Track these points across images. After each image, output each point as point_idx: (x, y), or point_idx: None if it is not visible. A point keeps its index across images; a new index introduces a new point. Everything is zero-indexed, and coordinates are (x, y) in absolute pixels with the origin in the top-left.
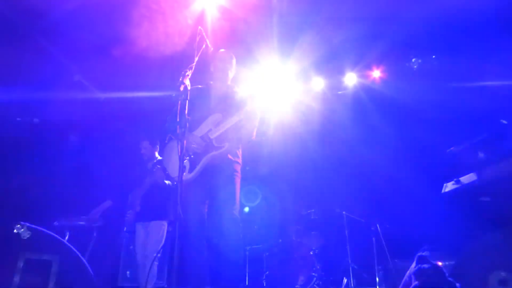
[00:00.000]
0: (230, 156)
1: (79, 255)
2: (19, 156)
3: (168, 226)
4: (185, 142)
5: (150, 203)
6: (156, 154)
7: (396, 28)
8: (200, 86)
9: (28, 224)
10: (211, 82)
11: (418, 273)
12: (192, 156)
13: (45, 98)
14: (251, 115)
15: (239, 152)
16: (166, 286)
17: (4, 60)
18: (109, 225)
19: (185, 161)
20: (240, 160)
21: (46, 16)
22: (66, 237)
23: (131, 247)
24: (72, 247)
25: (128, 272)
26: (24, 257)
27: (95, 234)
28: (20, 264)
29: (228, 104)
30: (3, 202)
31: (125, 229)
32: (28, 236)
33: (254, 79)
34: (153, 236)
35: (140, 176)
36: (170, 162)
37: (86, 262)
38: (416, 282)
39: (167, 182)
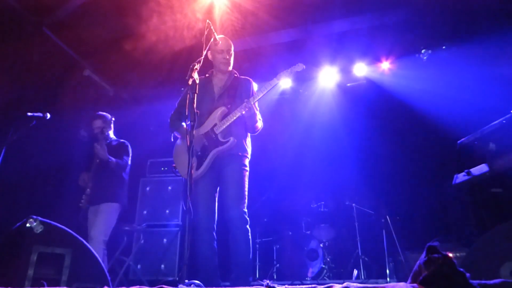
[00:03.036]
0: (237, 151)
1: (91, 248)
2: (30, 151)
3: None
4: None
5: (99, 184)
6: (111, 134)
7: (406, 17)
8: (202, 76)
9: (40, 218)
10: (213, 71)
11: (427, 263)
12: (199, 153)
13: (56, 93)
14: (250, 111)
15: (247, 145)
16: (177, 279)
17: (14, 55)
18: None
19: (192, 158)
20: (248, 153)
21: (55, 10)
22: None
23: (142, 241)
24: (83, 241)
25: (139, 266)
26: (37, 250)
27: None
28: (34, 257)
29: (231, 95)
30: (14, 197)
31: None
32: (40, 230)
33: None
34: (102, 218)
35: (90, 157)
36: (180, 162)
37: (97, 256)
38: (426, 272)
39: (112, 159)
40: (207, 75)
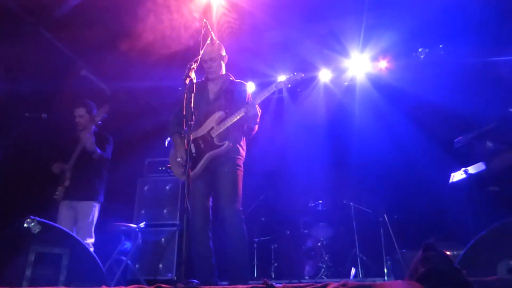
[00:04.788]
0: (231, 154)
1: (88, 248)
2: (28, 151)
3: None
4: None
5: (80, 179)
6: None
7: (402, 17)
8: (199, 80)
9: (38, 218)
10: (207, 75)
11: (424, 261)
12: (194, 155)
13: (53, 93)
14: (253, 111)
15: (242, 147)
16: (174, 278)
17: (11, 55)
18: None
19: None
20: (243, 156)
21: (52, 10)
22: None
23: (140, 241)
24: (81, 240)
25: (137, 265)
26: (35, 251)
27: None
28: (31, 257)
29: (228, 99)
30: (12, 197)
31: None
32: (38, 230)
33: (259, 73)
34: (87, 220)
35: (72, 147)
36: (174, 163)
37: (95, 255)
38: (423, 270)
39: (98, 151)
40: (203, 79)
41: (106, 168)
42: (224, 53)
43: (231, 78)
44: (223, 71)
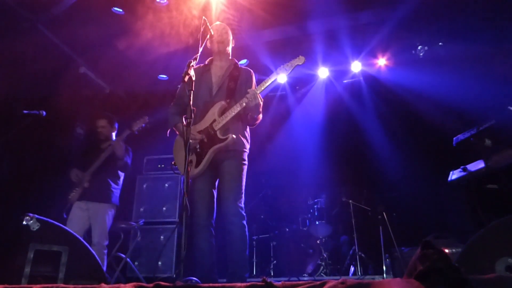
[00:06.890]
0: (235, 147)
1: (87, 246)
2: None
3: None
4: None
5: (99, 182)
6: (113, 136)
7: (401, 14)
8: (201, 64)
9: (37, 216)
10: (212, 59)
11: (422, 258)
12: (198, 150)
13: (51, 90)
14: (255, 101)
15: (246, 138)
16: (173, 276)
17: (9, 52)
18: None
19: (191, 155)
20: (247, 147)
21: (50, 7)
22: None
23: (139, 238)
24: (80, 238)
25: (136, 263)
26: (34, 248)
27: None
28: (30, 255)
29: (231, 89)
30: (10, 195)
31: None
32: (37, 227)
33: (258, 71)
34: (103, 223)
35: (93, 155)
36: (179, 159)
37: (94, 253)
38: (421, 268)
39: (126, 159)
40: (206, 63)
41: (124, 176)
42: (231, 37)
43: (237, 64)
44: (230, 55)
